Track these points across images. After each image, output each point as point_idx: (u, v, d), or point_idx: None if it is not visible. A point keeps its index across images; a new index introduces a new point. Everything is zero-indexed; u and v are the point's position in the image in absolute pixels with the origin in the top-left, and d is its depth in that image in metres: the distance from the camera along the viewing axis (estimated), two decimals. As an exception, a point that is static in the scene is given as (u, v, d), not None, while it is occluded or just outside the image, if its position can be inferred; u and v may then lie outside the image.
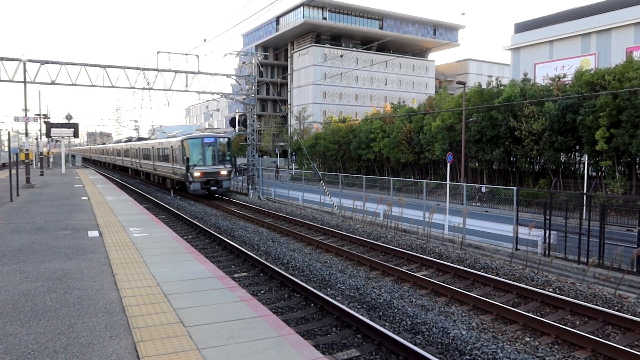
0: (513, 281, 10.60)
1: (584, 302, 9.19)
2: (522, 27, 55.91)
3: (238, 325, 5.55)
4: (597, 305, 9.11)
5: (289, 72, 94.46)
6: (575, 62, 46.11)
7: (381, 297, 9.56)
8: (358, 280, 10.88)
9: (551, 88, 30.48)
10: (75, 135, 39.07)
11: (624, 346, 7.10)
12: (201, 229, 17.14)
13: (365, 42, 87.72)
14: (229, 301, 6.48)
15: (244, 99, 33.92)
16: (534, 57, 53.16)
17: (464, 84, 33.53)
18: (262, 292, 10.19)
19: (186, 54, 30.70)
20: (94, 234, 11.38)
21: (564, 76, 32.64)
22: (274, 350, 4.89)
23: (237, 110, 39.37)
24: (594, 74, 27.10)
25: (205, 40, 30.56)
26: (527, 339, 7.72)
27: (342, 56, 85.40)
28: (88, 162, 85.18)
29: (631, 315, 8.54)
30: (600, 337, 7.48)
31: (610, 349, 6.92)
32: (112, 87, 29.35)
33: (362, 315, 8.49)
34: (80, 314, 5.88)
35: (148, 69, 30.27)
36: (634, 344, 7.56)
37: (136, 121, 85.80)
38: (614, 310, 8.81)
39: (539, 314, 8.86)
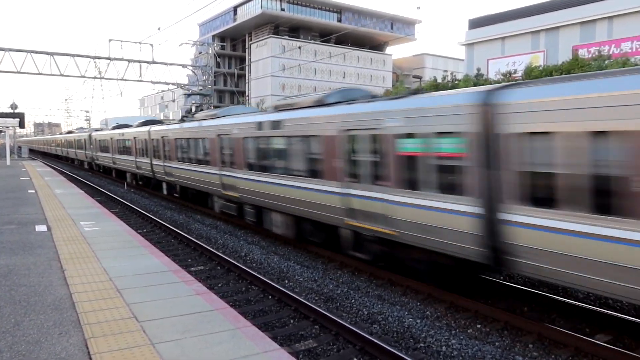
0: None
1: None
2: (475, 24, 57.40)
3: (194, 319, 5.50)
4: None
5: (246, 63, 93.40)
6: (525, 59, 47.76)
7: (338, 289, 9.67)
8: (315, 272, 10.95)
9: (503, 83, 31.54)
10: (21, 125, 37.35)
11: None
12: (156, 222, 16.78)
13: (324, 35, 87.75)
14: (184, 295, 6.39)
15: (201, 89, 33.33)
16: (487, 53, 54.70)
17: (420, 78, 34.22)
18: (219, 285, 10.10)
19: (140, 43, 29.87)
20: (41, 228, 10.95)
21: (515, 72, 33.84)
22: (231, 342, 4.87)
23: (194, 102, 38.65)
24: (542, 70, 28.21)
25: (159, 28, 29.83)
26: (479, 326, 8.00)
27: (300, 48, 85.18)
28: (36, 153, 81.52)
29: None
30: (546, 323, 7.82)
31: (555, 332, 7.26)
32: (61, 75, 28.24)
33: (319, 306, 8.56)
34: (27, 311, 5.66)
35: (99, 58, 29.27)
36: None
37: (87, 111, 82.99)
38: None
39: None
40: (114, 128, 33.36)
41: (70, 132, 62.42)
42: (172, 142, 20.78)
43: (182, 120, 23.90)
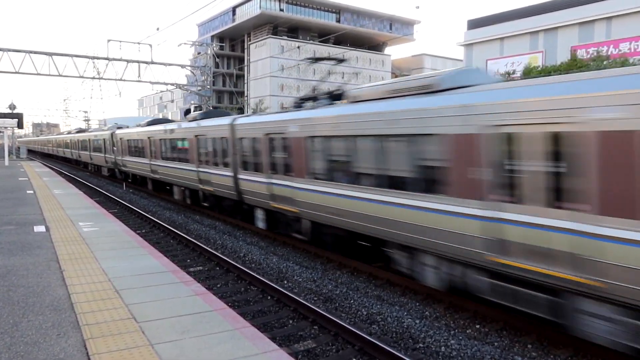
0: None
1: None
2: (474, 24, 57.40)
3: (193, 319, 5.49)
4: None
5: (245, 63, 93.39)
6: (524, 59, 47.79)
7: (337, 289, 9.66)
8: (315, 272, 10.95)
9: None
10: (20, 126, 37.30)
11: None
12: (155, 222, 16.76)
13: (323, 35, 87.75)
14: (183, 295, 6.38)
15: (199, 90, 33.30)
16: (486, 54, 54.72)
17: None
18: (218, 285, 10.09)
19: (139, 43, 29.86)
20: (40, 228, 10.93)
21: (514, 72, 33.85)
22: (229, 343, 4.86)
23: (193, 102, 38.62)
24: (541, 71, 28.23)
25: (158, 29, 29.87)
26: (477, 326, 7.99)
27: (299, 48, 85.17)
28: (37, 155, 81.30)
29: None
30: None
31: (554, 332, 7.26)
32: (60, 76, 28.22)
33: (318, 307, 8.55)
34: (25, 312, 5.65)
35: (98, 58, 29.23)
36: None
37: (86, 112, 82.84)
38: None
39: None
40: (150, 124, 25.72)
41: (80, 130, 53.73)
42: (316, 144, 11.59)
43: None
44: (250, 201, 14.91)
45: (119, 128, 31.27)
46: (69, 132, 59.82)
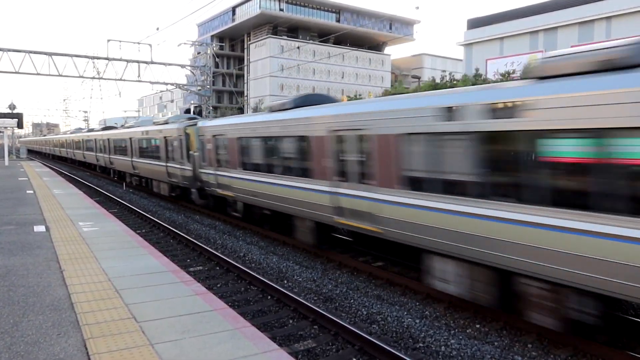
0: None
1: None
2: (474, 24, 57.39)
3: (193, 319, 5.49)
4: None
5: (245, 63, 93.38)
6: (524, 59, 47.76)
7: (337, 289, 9.66)
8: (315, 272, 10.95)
9: (501, 83, 31.59)
10: (20, 126, 37.29)
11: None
12: (155, 222, 16.76)
13: (322, 35, 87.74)
14: (183, 295, 6.38)
15: (199, 90, 33.31)
16: (486, 53, 54.70)
17: (419, 78, 34.25)
18: (218, 285, 10.09)
19: (138, 43, 29.86)
20: (40, 228, 10.93)
21: (514, 72, 33.83)
22: (230, 343, 4.86)
23: (192, 102, 38.64)
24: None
25: (158, 29, 29.85)
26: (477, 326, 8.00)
27: (299, 48, 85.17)
28: (34, 154, 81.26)
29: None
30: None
31: (554, 332, 7.26)
32: (59, 75, 28.21)
33: (318, 306, 8.56)
34: (25, 312, 5.65)
35: (98, 58, 29.24)
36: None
37: (85, 112, 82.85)
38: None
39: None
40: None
41: (90, 130, 44.77)
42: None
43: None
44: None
45: (189, 119, 21.51)
46: (84, 130, 50.68)
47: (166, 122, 22.36)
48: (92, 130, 43.77)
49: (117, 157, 30.14)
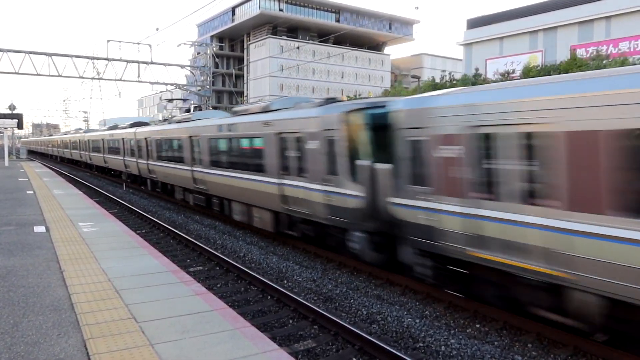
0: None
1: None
2: (473, 24, 57.40)
3: (192, 320, 5.49)
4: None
5: (245, 63, 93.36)
6: (523, 59, 47.77)
7: (337, 289, 9.67)
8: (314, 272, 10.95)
9: (501, 83, 31.62)
10: (20, 126, 37.27)
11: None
12: (155, 222, 16.76)
13: (322, 35, 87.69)
14: (183, 295, 6.39)
15: (199, 90, 33.31)
16: (485, 53, 54.71)
17: (419, 78, 34.25)
18: (218, 285, 10.09)
19: (138, 43, 29.87)
20: (40, 229, 10.94)
21: (513, 72, 33.84)
22: (230, 343, 4.86)
23: (192, 102, 38.60)
24: (540, 70, 28.23)
25: (157, 29, 29.80)
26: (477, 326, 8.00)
27: (298, 48, 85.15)
28: (34, 154, 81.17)
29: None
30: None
31: (554, 332, 7.26)
32: (59, 76, 28.20)
33: (318, 306, 8.56)
34: (25, 312, 5.65)
35: (98, 58, 29.24)
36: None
37: (85, 112, 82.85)
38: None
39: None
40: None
41: (112, 127, 33.97)
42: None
43: None
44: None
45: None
46: (113, 128, 34.62)
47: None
48: (114, 127, 32.67)
49: (168, 167, 21.22)
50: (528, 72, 29.05)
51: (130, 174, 27.41)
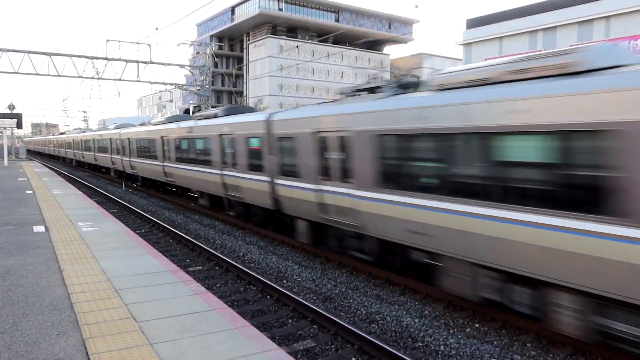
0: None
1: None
2: (473, 23, 57.41)
3: (192, 319, 5.49)
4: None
5: (244, 63, 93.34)
6: (523, 58, 47.72)
7: (337, 288, 9.67)
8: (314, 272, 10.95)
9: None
10: (19, 126, 37.25)
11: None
12: (154, 222, 16.76)
13: (321, 35, 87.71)
14: (182, 295, 6.39)
15: (199, 90, 33.30)
16: (485, 53, 54.69)
17: (418, 77, 34.14)
18: (218, 285, 10.10)
19: (137, 43, 29.83)
20: (39, 229, 10.93)
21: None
22: (229, 342, 4.87)
23: (192, 102, 38.60)
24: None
25: (157, 29, 29.84)
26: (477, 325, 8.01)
27: (298, 48, 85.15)
28: (34, 154, 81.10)
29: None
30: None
31: (553, 331, 7.28)
32: (59, 76, 28.17)
33: (317, 306, 8.56)
34: (25, 312, 5.66)
35: (97, 58, 29.21)
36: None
37: (85, 112, 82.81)
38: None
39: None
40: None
41: (141, 124, 29.99)
42: None
43: None
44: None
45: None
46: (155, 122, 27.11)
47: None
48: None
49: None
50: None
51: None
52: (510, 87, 6.88)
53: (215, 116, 17.42)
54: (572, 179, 6.14)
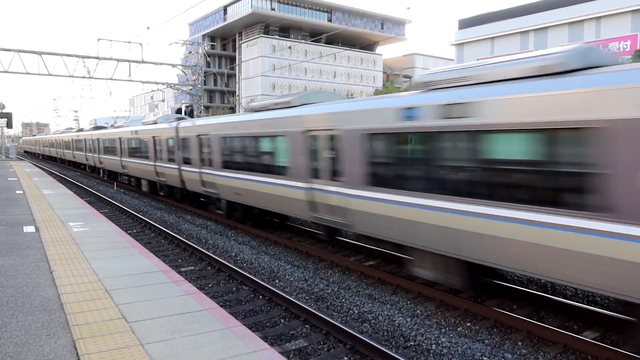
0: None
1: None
2: (465, 24, 57.67)
3: (183, 319, 5.47)
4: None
5: (237, 62, 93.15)
6: (514, 59, 47.97)
7: (329, 288, 9.67)
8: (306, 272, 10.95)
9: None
10: (9, 125, 36.94)
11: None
12: (146, 222, 16.68)
13: (314, 34, 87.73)
14: (174, 295, 6.36)
15: (191, 89, 33.18)
16: (477, 53, 54.96)
17: (411, 77, 34.31)
18: (210, 285, 10.07)
19: (129, 42, 29.68)
20: (29, 229, 10.84)
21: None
22: (220, 342, 4.85)
23: (184, 101, 38.48)
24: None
25: (148, 28, 29.67)
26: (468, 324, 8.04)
27: (290, 47, 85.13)
28: (26, 154, 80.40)
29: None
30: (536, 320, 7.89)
31: (544, 330, 7.32)
32: (49, 75, 27.96)
33: (309, 306, 8.56)
34: (14, 313, 5.61)
35: (88, 57, 29.03)
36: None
37: (76, 111, 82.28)
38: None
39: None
40: None
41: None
42: None
43: None
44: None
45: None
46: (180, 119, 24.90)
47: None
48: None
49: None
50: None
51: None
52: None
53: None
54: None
